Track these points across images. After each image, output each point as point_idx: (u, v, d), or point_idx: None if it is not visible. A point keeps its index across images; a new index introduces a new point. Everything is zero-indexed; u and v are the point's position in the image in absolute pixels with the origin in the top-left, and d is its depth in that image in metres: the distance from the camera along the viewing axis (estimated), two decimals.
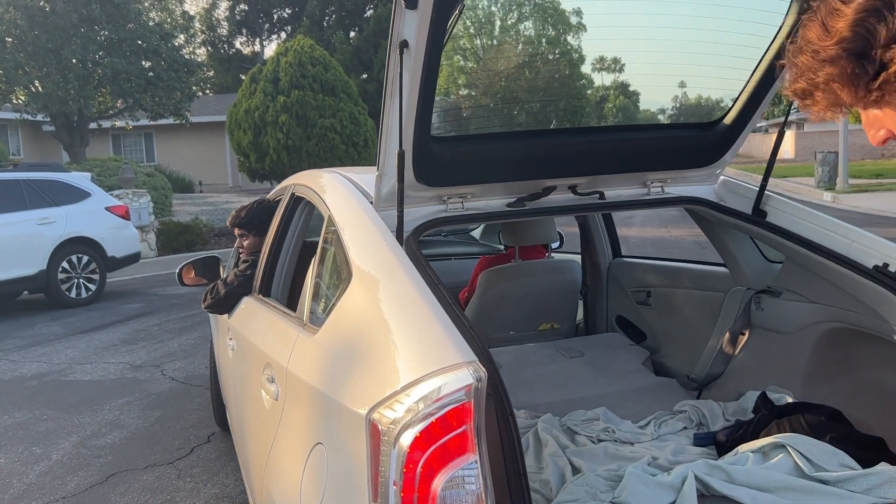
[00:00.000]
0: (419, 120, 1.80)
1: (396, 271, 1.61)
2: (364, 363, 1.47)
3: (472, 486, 1.19)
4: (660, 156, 2.30)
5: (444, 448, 1.19)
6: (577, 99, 2.71)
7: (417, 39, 1.61)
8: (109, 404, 4.98)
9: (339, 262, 1.89)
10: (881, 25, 0.88)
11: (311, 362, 1.77)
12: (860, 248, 2.05)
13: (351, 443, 1.35)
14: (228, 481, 3.63)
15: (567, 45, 2.96)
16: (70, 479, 3.78)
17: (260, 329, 2.50)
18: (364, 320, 1.61)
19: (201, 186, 24.96)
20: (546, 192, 2.22)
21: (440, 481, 1.19)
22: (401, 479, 1.20)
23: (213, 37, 36.64)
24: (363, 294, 1.67)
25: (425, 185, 2.04)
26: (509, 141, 2.22)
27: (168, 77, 17.51)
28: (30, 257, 8.59)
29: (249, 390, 2.40)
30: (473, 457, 1.20)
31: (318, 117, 17.85)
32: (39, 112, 17.15)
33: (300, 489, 1.57)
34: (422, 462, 1.19)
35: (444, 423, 1.19)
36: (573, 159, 2.21)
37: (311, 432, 1.62)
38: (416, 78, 1.68)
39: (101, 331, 7.44)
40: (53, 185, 9.11)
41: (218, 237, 14.46)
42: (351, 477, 1.34)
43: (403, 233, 1.85)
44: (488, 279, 3.30)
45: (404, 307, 1.52)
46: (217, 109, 25.84)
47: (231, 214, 3.43)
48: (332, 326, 1.74)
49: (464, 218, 2.18)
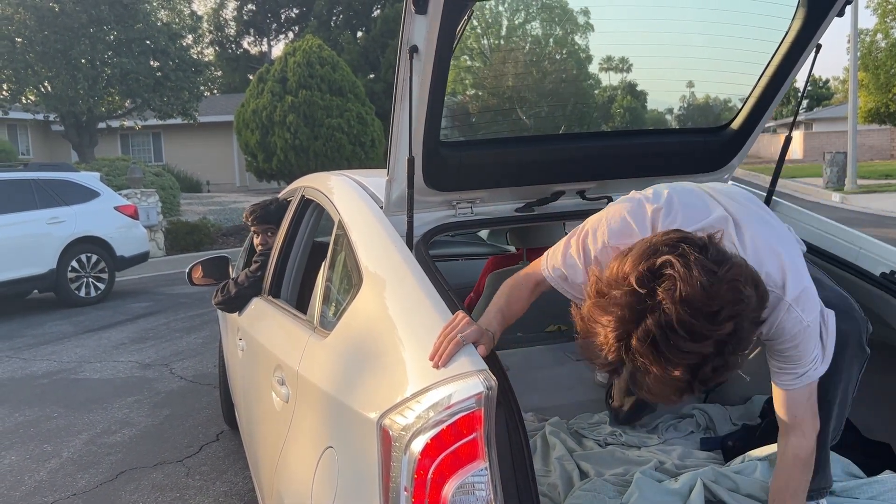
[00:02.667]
0: (429, 125, 1.79)
1: (406, 277, 1.61)
2: (375, 368, 1.48)
3: (482, 492, 1.20)
4: (668, 161, 2.29)
5: (455, 455, 1.20)
6: (585, 103, 2.70)
7: (427, 44, 1.61)
8: (119, 402, 5.02)
9: (350, 267, 1.89)
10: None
11: (322, 366, 1.77)
12: (868, 255, 2.05)
13: (362, 447, 1.36)
14: (237, 479, 3.66)
15: (575, 44, 2.95)
16: (80, 476, 3.81)
17: (270, 330, 2.50)
18: (375, 326, 1.61)
19: (209, 186, 25.06)
20: (555, 197, 2.22)
21: (450, 488, 1.20)
22: (412, 484, 1.21)
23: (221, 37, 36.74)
24: (374, 299, 1.67)
25: (435, 190, 2.05)
26: (518, 146, 2.21)
27: (176, 77, 17.60)
28: (39, 256, 8.65)
29: (259, 391, 2.41)
30: (483, 464, 1.20)
31: (326, 117, 17.89)
32: (49, 112, 17.26)
33: (311, 492, 1.57)
34: (432, 468, 1.20)
35: (454, 430, 1.20)
36: (582, 164, 2.20)
37: (322, 436, 1.62)
38: (425, 83, 1.69)
39: (111, 329, 7.50)
40: (63, 184, 9.18)
41: (226, 237, 14.53)
42: (362, 481, 1.35)
43: (413, 238, 1.86)
44: (496, 281, 3.30)
45: (415, 313, 1.52)
46: (225, 109, 25.94)
47: (247, 210, 3.44)
48: (343, 330, 1.74)
49: (473, 223, 2.18)
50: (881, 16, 31.08)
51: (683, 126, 2.70)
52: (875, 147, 33.91)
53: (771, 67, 2.10)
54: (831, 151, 20.22)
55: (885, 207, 14.89)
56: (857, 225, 12.89)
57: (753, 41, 2.04)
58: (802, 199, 18.54)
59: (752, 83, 2.17)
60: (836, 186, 18.86)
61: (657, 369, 1.17)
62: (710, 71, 2.19)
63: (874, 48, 31.71)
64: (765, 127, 2.36)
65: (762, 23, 1.97)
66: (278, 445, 1.96)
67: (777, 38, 2.03)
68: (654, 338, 1.14)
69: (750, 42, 2.05)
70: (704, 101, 2.80)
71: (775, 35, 2.01)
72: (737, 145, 2.32)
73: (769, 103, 2.18)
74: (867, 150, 32.59)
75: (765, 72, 2.12)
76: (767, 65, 2.10)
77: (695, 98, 2.80)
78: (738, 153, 2.35)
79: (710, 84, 2.45)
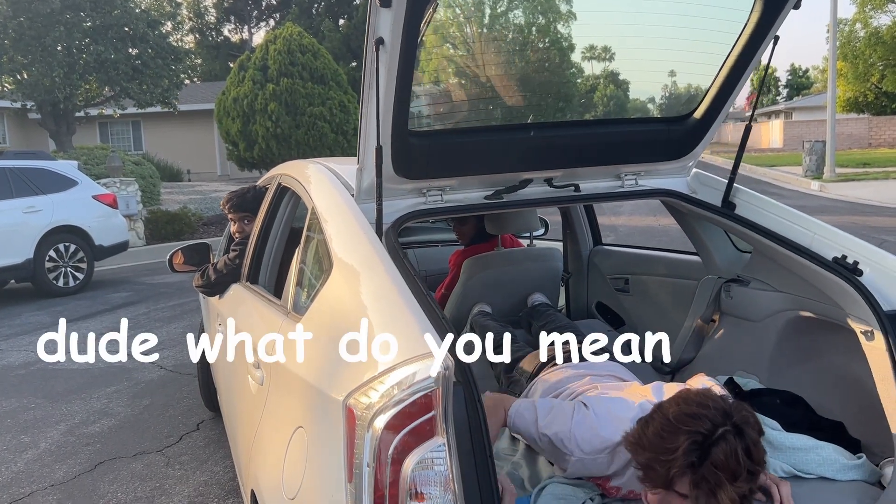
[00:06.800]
0: (396, 115, 1.83)
1: (375, 263, 1.67)
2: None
3: (440, 467, 1.27)
4: (632, 149, 2.35)
5: (415, 432, 1.27)
6: (568, 92, 2.74)
7: (392, 37, 1.66)
8: (98, 393, 4.99)
9: (321, 254, 1.94)
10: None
11: (293, 350, 1.83)
12: (821, 240, 2.12)
13: (329, 427, 1.43)
14: (217, 469, 3.66)
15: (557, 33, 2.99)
16: (58, 467, 3.79)
17: (247, 316, 2.56)
18: (343, 310, 1.68)
19: (189, 175, 24.81)
20: (523, 185, 2.28)
21: (410, 463, 1.26)
22: (374, 460, 1.27)
23: (201, 24, 36.29)
24: (343, 285, 1.74)
25: (404, 179, 2.09)
26: (486, 135, 2.26)
27: (155, 65, 17.33)
28: (16, 246, 8.53)
29: (237, 376, 2.48)
30: (441, 440, 1.27)
31: (308, 105, 17.76)
32: (25, 100, 16.95)
33: (282, 471, 1.64)
34: (393, 444, 1.27)
35: (414, 408, 1.27)
36: (549, 153, 2.25)
37: (292, 416, 1.69)
38: (392, 74, 1.73)
39: (89, 320, 7.43)
40: (40, 173, 9.05)
41: (207, 226, 14.41)
42: (328, 459, 1.41)
43: (383, 225, 1.91)
44: (472, 266, 3.39)
45: (381, 298, 1.58)
46: (205, 97, 25.65)
47: (225, 197, 3.49)
48: (314, 315, 1.81)
49: (443, 210, 2.23)
50: (860, 5, 31.39)
51: (647, 116, 2.77)
52: (853, 136, 34.30)
53: (731, 58, 2.15)
54: (810, 140, 20.39)
55: (863, 195, 15.10)
56: (835, 213, 13.07)
57: (716, 33, 2.10)
58: (782, 188, 18.74)
59: (713, 74, 2.23)
60: (815, 175, 19.06)
61: None
62: (681, 62, 2.22)
63: (853, 38, 32.04)
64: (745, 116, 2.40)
65: (724, 15, 2.03)
66: (254, 427, 2.03)
67: (737, 30, 2.08)
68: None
69: (713, 34, 2.11)
70: (680, 91, 2.83)
71: (736, 27, 2.06)
72: (699, 134, 2.38)
73: (730, 93, 2.23)
74: (846, 139, 32.97)
75: (725, 62, 2.17)
76: (728, 56, 2.15)
77: (676, 87, 2.85)
78: (701, 142, 2.40)
79: (683, 74, 2.50)
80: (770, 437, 1.87)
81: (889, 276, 1.94)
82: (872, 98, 34.48)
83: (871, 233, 10.49)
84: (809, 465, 1.84)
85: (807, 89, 58.56)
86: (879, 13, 31.39)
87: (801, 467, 1.84)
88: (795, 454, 1.86)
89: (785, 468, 1.84)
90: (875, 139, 34.17)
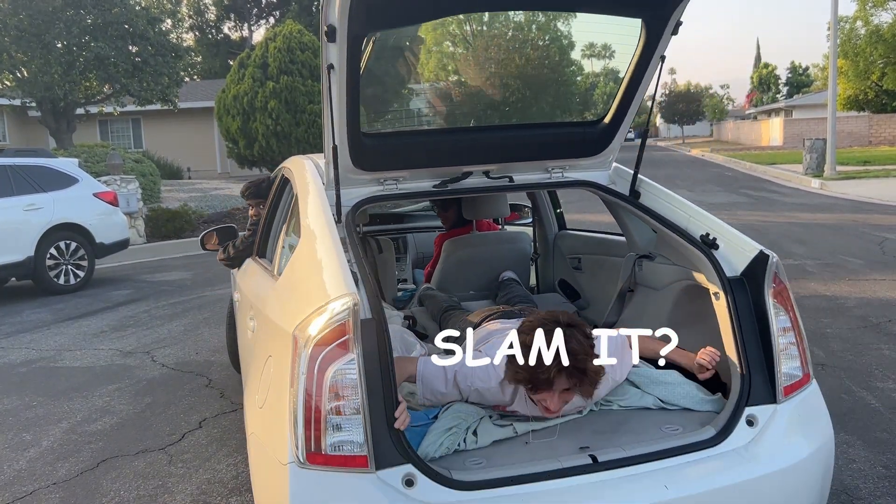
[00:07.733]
0: (350, 121, 2.28)
1: (325, 236, 2.19)
2: (297, 299, 2.14)
3: (352, 375, 1.81)
4: (556, 147, 2.78)
5: (334, 350, 1.81)
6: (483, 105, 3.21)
7: (339, 63, 2.12)
8: (99, 391, 4.98)
9: (297, 229, 2.47)
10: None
11: (271, 301, 2.48)
12: (696, 222, 2.57)
13: (285, 352, 1.95)
14: (220, 466, 3.65)
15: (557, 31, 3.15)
16: (61, 465, 3.78)
17: (251, 282, 3.22)
18: (303, 269, 2.27)
19: (190, 173, 24.80)
20: (464, 176, 2.71)
21: (330, 372, 1.80)
22: (306, 370, 1.81)
23: (201, 21, 36.27)
24: (305, 251, 2.29)
25: (362, 171, 2.55)
26: (431, 136, 2.78)
27: (155, 62, 17.31)
28: (17, 244, 8.52)
29: (244, 331, 3.12)
30: (353, 356, 1.80)
31: (308, 103, 17.75)
32: (25, 97, 16.93)
33: (258, 388, 2.21)
34: (319, 359, 1.81)
35: (333, 333, 1.81)
36: (486, 150, 2.70)
37: (266, 349, 2.28)
38: (342, 91, 2.19)
39: (91, 317, 7.42)
40: (40, 170, 9.03)
41: (207, 224, 14.38)
42: (282, 374, 1.95)
43: (342, 208, 2.43)
44: (450, 247, 4.01)
45: (327, 260, 2.08)
46: (205, 95, 25.64)
47: (244, 186, 4.29)
48: (287, 274, 2.44)
49: (396, 196, 2.70)
50: (861, 3, 31.36)
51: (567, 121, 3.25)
52: (854, 134, 34.30)
53: (629, 74, 2.57)
54: (811, 138, 20.38)
55: (863, 193, 15.09)
56: (836, 210, 13.01)
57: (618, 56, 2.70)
58: (782, 185, 18.73)
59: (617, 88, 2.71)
60: (816, 173, 19.05)
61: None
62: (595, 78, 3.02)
63: (854, 35, 32.01)
64: (745, 114, 2.58)
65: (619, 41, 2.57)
66: (248, 366, 2.65)
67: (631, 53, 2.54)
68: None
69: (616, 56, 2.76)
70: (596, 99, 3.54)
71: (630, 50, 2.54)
72: (610, 135, 2.80)
73: (629, 103, 2.67)
74: (846, 137, 32.98)
75: (624, 77, 2.60)
76: (626, 71, 2.58)
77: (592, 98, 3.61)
78: (612, 142, 2.82)
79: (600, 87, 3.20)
80: (645, 372, 2.45)
81: (736, 249, 2.41)
82: (873, 96, 34.48)
83: (872, 230, 10.47)
84: (675, 398, 2.35)
85: (807, 87, 58.52)
86: (880, 11, 31.37)
87: (668, 399, 2.35)
88: (665, 388, 2.38)
89: (655, 402, 2.36)
90: (875, 137, 34.16)
